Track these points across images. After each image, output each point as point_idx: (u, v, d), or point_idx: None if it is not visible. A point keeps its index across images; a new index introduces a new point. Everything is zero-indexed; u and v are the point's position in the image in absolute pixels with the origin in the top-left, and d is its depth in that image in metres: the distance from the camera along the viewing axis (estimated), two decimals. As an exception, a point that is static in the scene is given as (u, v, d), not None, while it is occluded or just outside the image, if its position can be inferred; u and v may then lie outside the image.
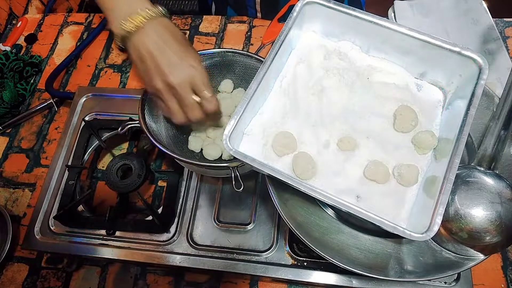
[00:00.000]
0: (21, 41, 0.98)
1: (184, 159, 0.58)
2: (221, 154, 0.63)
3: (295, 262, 0.63)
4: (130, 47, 0.51)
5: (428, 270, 0.45)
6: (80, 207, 0.72)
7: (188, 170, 0.72)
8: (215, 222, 0.68)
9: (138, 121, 0.60)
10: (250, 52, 0.66)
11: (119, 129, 0.65)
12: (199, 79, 0.51)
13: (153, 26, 0.50)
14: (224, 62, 0.67)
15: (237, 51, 0.66)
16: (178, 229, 0.68)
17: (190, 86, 0.51)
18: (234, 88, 0.69)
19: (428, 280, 0.59)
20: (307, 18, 0.51)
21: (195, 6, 1.01)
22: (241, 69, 0.67)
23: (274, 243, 0.65)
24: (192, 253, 0.65)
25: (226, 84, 0.68)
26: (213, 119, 0.59)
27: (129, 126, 0.65)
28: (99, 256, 0.67)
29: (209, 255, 0.65)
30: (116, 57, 0.92)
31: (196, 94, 0.52)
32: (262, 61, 0.64)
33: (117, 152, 0.80)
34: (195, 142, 0.63)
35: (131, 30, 0.49)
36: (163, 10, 0.52)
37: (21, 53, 0.95)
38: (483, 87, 0.44)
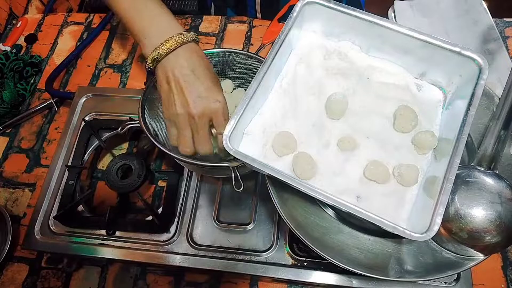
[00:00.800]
0: (21, 41, 0.98)
1: (184, 159, 0.57)
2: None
3: (295, 262, 0.63)
4: (158, 70, 0.52)
5: (428, 270, 0.45)
6: (80, 207, 0.72)
7: (188, 170, 0.72)
8: (215, 222, 0.68)
9: (138, 121, 0.60)
10: (250, 52, 0.66)
11: (119, 129, 0.65)
12: (221, 116, 0.51)
13: (184, 51, 0.51)
14: (224, 62, 0.67)
15: (237, 51, 0.66)
16: (178, 229, 0.68)
17: (209, 120, 0.51)
18: (234, 88, 0.69)
19: (428, 280, 0.59)
20: (307, 18, 0.51)
21: (195, 6, 1.01)
22: (241, 69, 0.67)
23: (274, 243, 0.65)
24: (192, 253, 0.65)
25: (226, 84, 0.68)
26: (220, 152, 0.59)
27: (129, 126, 0.65)
28: (99, 256, 0.67)
29: (209, 255, 0.65)
30: (116, 57, 0.92)
31: (213, 127, 0.52)
32: (262, 61, 0.65)
33: (117, 152, 0.80)
34: None
35: (163, 53, 0.50)
36: (195, 35, 0.53)
37: (21, 53, 0.95)
38: (483, 87, 0.44)
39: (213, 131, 0.53)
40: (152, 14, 0.53)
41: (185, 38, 0.51)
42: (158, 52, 0.50)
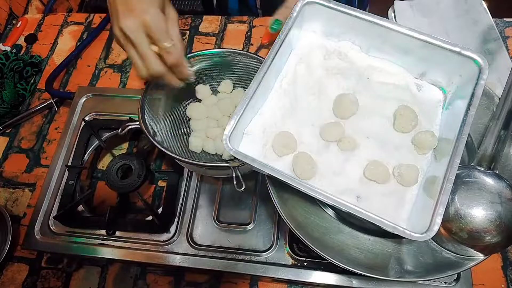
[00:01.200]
0: (21, 41, 0.98)
1: (184, 159, 0.58)
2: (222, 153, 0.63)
3: (295, 262, 0.63)
4: None
5: (428, 270, 0.45)
6: (80, 207, 0.72)
7: (188, 170, 0.72)
8: (215, 222, 0.68)
9: (138, 122, 0.60)
10: (250, 52, 0.66)
11: (119, 130, 0.64)
12: (152, 27, 0.47)
13: None
14: (224, 62, 0.67)
15: (237, 51, 0.66)
16: (178, 229, 0.68)
17: (143, 33, 0.47)
18: (233, 88, 0.69)
19: (428, 280, 0.59)
20: (307, 18, 0.51)
21: (198, 6, 1.02)
22: (241, 69, 0.67)
23: (274, 243, 0.65)
24: (192, 253, 0.65)
25: (226, 85, 0.68)
26: (177, 72, 0.53)
27: (129, 127, 0.65)
28: (99, 256, 0.67)
29: (209, 255, 0.65)
30: (116, 57, 0.92)
31: (153, 43, 0.48)
32: (262, 61, 0.65)
33: (117, 152, 0.80)
34: (195, 142, 0.63)
35: None
36: None
37: (21, 53, 0.95)
38: (483, 87, 0.44)
39: (153, 47, 0.48)
40: None
41: None
42: None
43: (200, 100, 0.67)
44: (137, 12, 0.46)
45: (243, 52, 0.66)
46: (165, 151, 0.57)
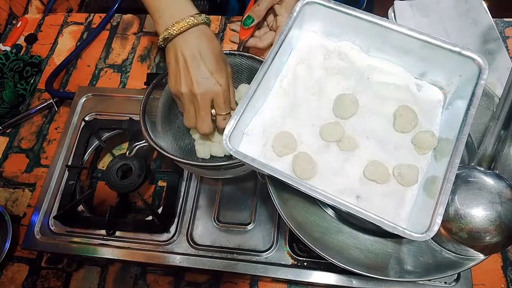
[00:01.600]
0: (21, 41, 0.98)
1: (182, 161, 0.57)
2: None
3: (295, 262, 0.63)
4: (169, 48, 0.54)
5: (428, 270, 0.45)
6: (80, 207, 0.72)
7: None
8: (215, 222, 0.68)
9: (144, 140, 0.61)
10: (249, 53, 0.66)
11: (127, 152, 0.65)
12: (221, 97, 0.54)
13: (195, 32, 0.53)
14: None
15: (235, 52, 0.66)
16: (178, 229, 0.68)
17: (210, 100, 0.54)
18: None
19: (428, 280, 0.59)
20: (307, 18, 0.51)
21: (198, 6, 1.01)
22: (236, 69, 0.67)
23: (274, 243, 0.65)
24: (192, 253, 0.65)
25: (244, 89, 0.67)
26: (220, 132, 0.62)
27: (137, 147, 0.65)
28: (99, 256, 0.67)
29: (209, 255, 0.65)
30: (116, 57, 0.92)
31: (213, 108, 0.55)
32: (251, 59, 0.65)
33: (117, 152, 0.80)
34: (203, 150, 0.63)
35: (174, 33, 0.52)
36: (207, 18, 0.55)
37: (21, 53, 0.95)
38: (483, 87, 0.44)
39: (213, 111, 0.55)
40: None
41: (195, 21, 0.53)
42: (169, 32, 0.52)
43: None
44: (211, 83, 0.53)
45: (244, 53, 0.66)
46: (167, 154, 0.57)
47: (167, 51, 0.55)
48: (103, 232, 0.68)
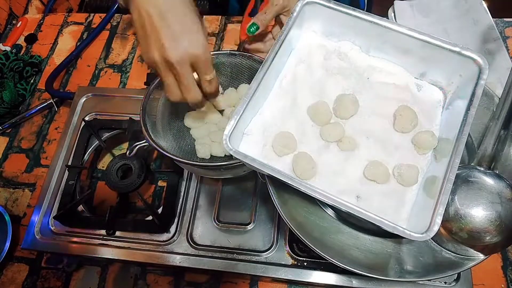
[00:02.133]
0: (21, 41, 0.98)
1: (183, 161, 0.57)
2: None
3: (295, 262, 0.63)
4: (131, 8, 0.46)
5: (428, 270, 0.45)
6: (80, 207, 0.72)
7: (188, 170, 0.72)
8: (215, 222, 0.68)
9: (144, 140, 0.59)
10: (239, 52, 0.66)
11: (127, 152, 0.64)
12: (202, 58, 0.46)
13: None
14: (225, 63, 0.67)
15: (235, 52, 0.66)
16: (178, 229, 0.68)
17: (190, 64, 0.46)
18: (224, 90, 0.68)
19: (428, 280, 0.59)
20: (307, 18, 0.51)
21: (197, 6, 1.02)
22: (232, 69, 0.67)
23: (274, 243, 0.65)
24: (192, 253, 0.65)
25: (244, 89, 0.66)
26: (211, 99, 0.55)
27: (138, 147, 0.64)
28: (99, 256, 0.67)
29: (209, 255, 0.65)
30: (116, 57, 0.92)
31: (196, 72, 0.48)
32: (246, 57, 0.64)
33: (117, 152, 0.80)
34: (203, 149, 0.63)
35: None
36: None
37: (21, 53, 0.95)
38: (483, 87, 0.44)
39: (195, 76, 0.48)
40: None
41: None
42: None
43: (194, 109, 0.67)
44: (186, 42, 0.44)
45: (236, 52, 0.65)
46: (167, 154, 0.57)
47: (132, 14, 0.46)
48: (103, 232, 0.68)
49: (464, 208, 0.41)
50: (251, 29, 0.57)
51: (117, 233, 0.68)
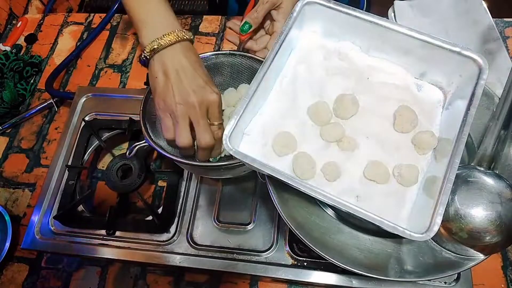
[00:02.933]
0: (21, 41, 0.98)
1: (183, 161, 0.57)
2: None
3: (295, 262, 0.63)
4: (155, 60, 0.52)
5: (428, 270, 0.45)
6: (80, 207, 0.72)
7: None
8: (215, 222, 0.68)
9: (144, 141, 0.59)
10: (248, 53, 0.66)
11: (127, 152, 0.64)
12: (217, 107, 0.53)
13: (182, 47, 0.53)
14: (212, 66, 0.66)
15: (235, 52, 0.66)
16: (178, 229, 0.68)
17: (206, 110, 0.52)
18: (222, 92, 0.68)
19: (428, 280, 0.59)
20: (307, 18, 0.51)
21: (197, 6, 1.02)
22: (230, 70, 0.67)
23: (274, 243, 0.65)
24: (192, 253, 0.65)
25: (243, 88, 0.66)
26: (214, 149, 0.58)
27: (137, 147, 0.64)
28: (99, 256, 0.67)
29: (209, 255, 0.65)
30: (116, 57, 0.92)
31: (208, 119, 0.53)
32: (262, 61, 0.64)
33: (117, 152, 0.80)
34: None
35: (164, 44, 0.51)
36: (192, 36, 0.55)
37: (21, 53, 0.95)
38: (483, 87, 0.44)
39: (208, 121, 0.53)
40: (155, 6, 0.55)
41: (185, 35, 0.53)
42: (159, 43, 0.51)
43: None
44: (208, 91, 0.52)
45: (236, 52, 0.65)
46: (167, 154, 0.57)
47: (152, 64, 0.53)
48: (103, 232, 0.68)
49: (464, 208, 0.41)
50: (244, 28, 0.60)
51: (117, 233, 0.68)
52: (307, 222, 0.49)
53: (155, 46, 0.51)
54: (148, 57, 0.53)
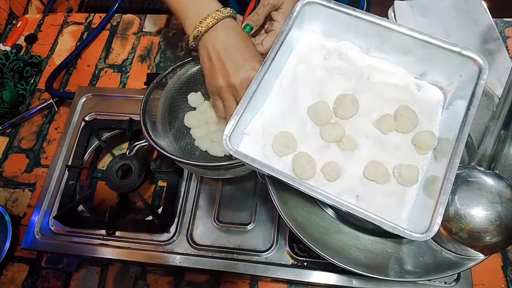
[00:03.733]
0: (21, 41, 0.98)
1: (183, 161, 0.57)
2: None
3: (295, 262, 0.63)
4: (200, 47, 0.54)
5: (428, 270, 0.45)
6: (80, 207, 0.72)
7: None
8: (215, 222, 0.68)
9: (144, 140, 0.60)
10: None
11: (127, 152, 0.64)
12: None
13: (222, 27, 0.53)
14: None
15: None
16: (178, 229, 0.68)
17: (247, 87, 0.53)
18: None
19: (428, 280, 0.59)
20: (307, 18, 0.51)
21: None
22: None
23: (274, 243, 0.65)
24: (192, 253, 0.65)
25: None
26: None
27: (137, 147, 0.64)
28: (99, 256, 0.67)
29: (209, 255, 0.65)
30: (116, 57, 0.92)
31: None
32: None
33: (117, 152, 0.80)
34: (204, 144, 0.63)
35: (203, 30, 0.52)
36: (232, 11, 0.55)
37: (21, 53, 0.95)
38: (483, 87, 0.44)
39: None
40: None
41: (221, 14, 0.53)
42: (198, 30, 0.52)
43: (194, 108, 0.67)
44: (247, 69, 0.52)
45: None
46: (167, 154, 0.57)
47: (200, 51, 0.55)
48: (103, 232, 0.68)
49: (464, 208, 0.41)
50: (245, 30, 0.60)
51: (117, 233, 0.68)
52: (307, 222, 0.49)
53: (196, 34, 0.53)
54: (194, 45, 0.55)
